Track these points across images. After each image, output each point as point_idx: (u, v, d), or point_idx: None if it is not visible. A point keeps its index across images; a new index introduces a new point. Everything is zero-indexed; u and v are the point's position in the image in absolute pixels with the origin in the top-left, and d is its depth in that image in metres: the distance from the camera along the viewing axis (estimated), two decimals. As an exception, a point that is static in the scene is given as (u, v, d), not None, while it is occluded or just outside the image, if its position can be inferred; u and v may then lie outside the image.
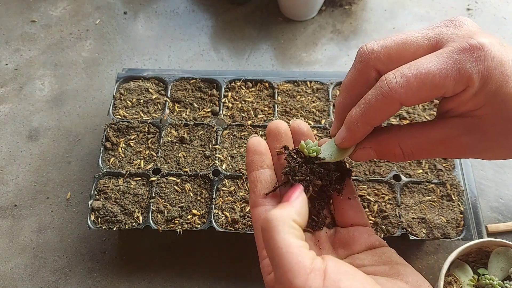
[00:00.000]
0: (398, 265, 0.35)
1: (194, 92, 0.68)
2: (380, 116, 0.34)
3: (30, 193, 0.67)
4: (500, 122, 0.33)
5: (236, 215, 0.57)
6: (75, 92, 0.77)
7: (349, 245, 0.38)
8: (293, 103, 0.66)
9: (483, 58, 0.31)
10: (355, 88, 0.36)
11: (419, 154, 0.36)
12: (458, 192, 0.59)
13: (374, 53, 0.34)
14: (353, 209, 0.40)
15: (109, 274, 0.60)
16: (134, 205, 0.58)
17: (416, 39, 0.34)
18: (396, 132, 0.36)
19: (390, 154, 0.36)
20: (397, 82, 0.31)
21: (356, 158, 0.38)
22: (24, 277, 0.60)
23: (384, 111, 0.33)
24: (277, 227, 0.29)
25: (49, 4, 0.89)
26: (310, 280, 0.27)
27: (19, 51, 0.82)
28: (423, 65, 0.31)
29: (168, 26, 0.86)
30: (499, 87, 0.31)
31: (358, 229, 0.39)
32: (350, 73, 0.37)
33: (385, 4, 0.87)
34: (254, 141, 0.40)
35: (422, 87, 0.31)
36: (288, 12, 0.85)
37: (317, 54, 0.81)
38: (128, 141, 0.63)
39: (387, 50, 0.34)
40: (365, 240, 0.38)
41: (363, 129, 0.35)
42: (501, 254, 0.52)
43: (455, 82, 0.31)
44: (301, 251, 0.29)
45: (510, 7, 0.86)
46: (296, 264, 0.28)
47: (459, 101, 0.33)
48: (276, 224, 0.30)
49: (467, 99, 0.32)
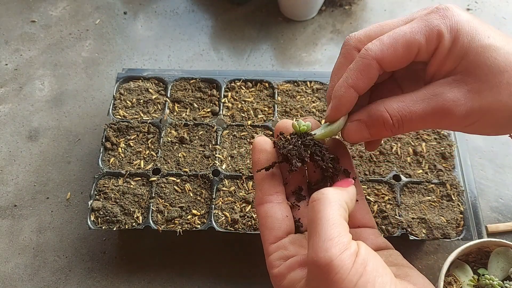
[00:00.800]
0: (404, 267, 0.35)
1: (194, 92, 0.68)
2: (362, 78, 0.36)
3: (30, 193, 0.67)
4: (481, 73, 0.34)
5: (236, 215, 0.57)
6: (75, 92, 0.77)
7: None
8: (293, 103, 0.66)
9: (450, 15, 0.34)
10: (341, 70, 0.38)
11: (408, 121, 0.36)
12: (458, 192, 0.59)
13: (355, 36, 0.38)
14: (360, 211, 0.40)
15: (109, 274, 0.60)
16: (134, 205, 0.58)
17: (392, 22, 0.37)
18: (384, 99, 0.37)
19: (379, 123, 0.36)
20: (373, 44, 0.35)
21: (348, 134, 0.39)
22: (24, 277, 0.60)
23: (364, 73, 0.35)
24: (331, 203, 0.32)
25: (49, 4, 0.89)
26: (344, 254, 0.29)
27: (19, 51, 0.82)
28: (397, 29, 0.35)
29: (168, 26, 0.86)
30: (471, 40, 0.34)
31: (365, 231, 0.39)
32: (337, 59, 0.39)
33: (385, 4, 0.87)
34: (260, 140, 0.40)
35: (395, 44, 0.34)
36: (288, 12, 0.85)
37: (317, 54, 0.81)
38: (128, 141, 0.63)
39: (367, 32, 0.38)
40: (371, 242, 0.38)
41: (348, 93, 0.36)
42: (501, 254, 0.52)
43: (426, 37, 0.34)
44: (344, 229, 0.31)
45: (510, 7, 0.86)
46: (337, 237, 0.30)
47: (437, 62, 0.35)
48: (331, 201, 0.32)
49: (443, 56, 0.34)
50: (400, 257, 0.37)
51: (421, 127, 0.37)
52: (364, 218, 0.40)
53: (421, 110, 0.35)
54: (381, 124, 0.36)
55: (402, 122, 0.35)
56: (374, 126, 0.37)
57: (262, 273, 0.59)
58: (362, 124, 0.37)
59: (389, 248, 0.38)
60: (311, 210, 0.32)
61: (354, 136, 0.38)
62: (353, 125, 0.38)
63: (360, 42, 0.37)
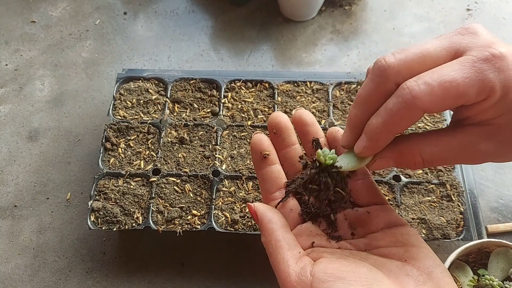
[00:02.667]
0: (413, 248, 0.35)
1: (194, 93, 0.68)
2: (403, 124, 0.33)
3: (30, 194, 0.67)
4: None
5: (236, 215, 0.57)
6: (75, 93, 0.77)
7: (366, 224, 0.38)
8: (293, 103, 0.66)
9: (505, 68, 0.31)
10: (372, 101, 0.35)
11: (438, 161, 0.36)
12: (458, 193, 0.59)
13: (395, 67, 0.33)
14: (366, 188, 0.40)
15: (109, 275, 0.60)
16: (134, 205, 0.58)
17: (435, 50, 0.33)
18: (417, 141, 0.36)
19: (410, 163, 0.36)
20: (420, 90, 0.31)
21: (374, 168, 0.38)
22: (24, 278, 0.60)
23: (407, 119, 0.33)
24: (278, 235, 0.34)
25: (49, 4, 0.89)
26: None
27: (19, 52, 0.82)
28: (447, 73, 0.31)
29: (168, 27, 0.86)
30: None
31: (374, 207, 0.39)
32: (368, 86, 0.35)
33: (385, 5, 0.87)
34: (256, 138, 0.40)
35: (447, 96, 0.31)
36: (288, 12, 0.85)
37: (317, 55, 0.81)
38: (128, 142, 0.63)
39: (408, 63, 0.33)
40: (382, 219, 0.38)
41: (385, 137, 0.34)
42: (501, 255, 0.52)
43: (478, 91, 0.31)
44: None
45: (510, 7, 0.86)
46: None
47: (479, 109, 0.33)
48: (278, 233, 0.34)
49: (487, 108, 0.32)
50: (414, 236, 0.36)
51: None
52: (371, 195, 0.39)
53: (453, 157, 0.35)
54: (411, 164, 0.36)
55: (432, 163, 0.35)
56: (403, 163, 0.36)
57: (262, 273, 0.59)
58: (391, 160, 0.37)
59: (403, 224, 0.37)
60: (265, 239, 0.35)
61: (380, 169, 0.38)
62: (383, 162, 0.37)
63: (400, 76, 0.33)
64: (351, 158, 0.37)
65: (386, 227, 0.37)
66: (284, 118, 0.42)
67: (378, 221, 0.38)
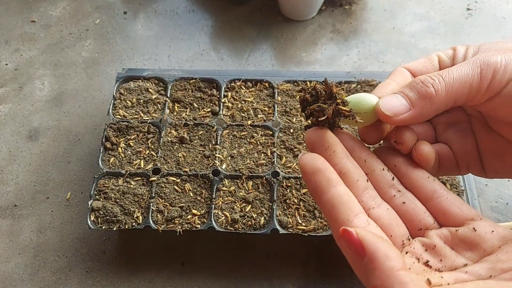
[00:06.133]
0: None
1: (194, 92, 0.68)
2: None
3: (30, 193, 0.67)
4: None
5: (236, 215, 0.57)
6: (75, 92, 0.77)
7: (477, 245, 0.30)
8: (293, 103, 0.66)
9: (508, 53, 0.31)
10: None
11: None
12: (458, 192, 0.59)
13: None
14: (450, 204, 0.32)
15: (109, 274, 0.60)
16: (134, 205, 0.58)
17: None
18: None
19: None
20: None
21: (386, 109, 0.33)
22: (24, 277, 0.60)
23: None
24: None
25: (49, 4, 0.89)
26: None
27: (19, 51, 0.82)
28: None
29: (168, 26, 0.86)
30: None
31: (476, 224, 0.31)
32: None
33: (385, 4, 0.87)
34: (306, 159, 0.31)
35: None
36: (288, 12, 0.85)
37: (317, 54, 0.81)
38: (128, 141, 0.63)
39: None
40: (493, 235, 0.30)
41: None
42: (501, 254, 0.52)
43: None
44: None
45: (510, 7, 0.86)
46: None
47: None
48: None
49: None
50: None
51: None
52: (464, 211, 0.32)
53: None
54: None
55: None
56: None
57: (262, 273, 0.59)
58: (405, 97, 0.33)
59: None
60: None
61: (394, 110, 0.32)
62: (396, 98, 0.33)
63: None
64: (366, 107, 0.33)
65: (503, 244, 0.29)
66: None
67: (490, 238, 0.30)
